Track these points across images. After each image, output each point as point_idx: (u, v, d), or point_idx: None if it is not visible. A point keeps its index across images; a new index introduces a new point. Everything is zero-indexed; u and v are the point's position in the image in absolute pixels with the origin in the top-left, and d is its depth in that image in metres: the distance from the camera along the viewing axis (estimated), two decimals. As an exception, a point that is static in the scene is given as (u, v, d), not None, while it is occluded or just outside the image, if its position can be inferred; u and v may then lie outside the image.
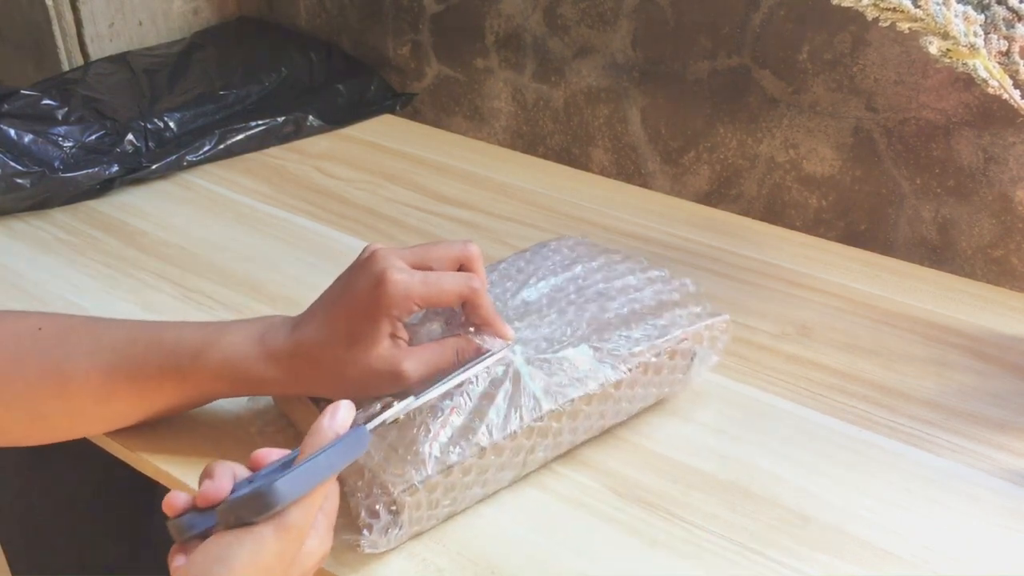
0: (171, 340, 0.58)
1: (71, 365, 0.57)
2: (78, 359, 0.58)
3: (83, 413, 0.59)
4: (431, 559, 0.53)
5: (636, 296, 0.63)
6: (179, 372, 0.57)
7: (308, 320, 0.56)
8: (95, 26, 1.14)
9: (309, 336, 0.55)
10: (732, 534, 0.55)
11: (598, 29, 0.98)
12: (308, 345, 0.55)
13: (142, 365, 0.57)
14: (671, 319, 0.62)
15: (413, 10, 1.13)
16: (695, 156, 0.96)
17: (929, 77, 0.80)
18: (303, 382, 0.56)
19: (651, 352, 0.60)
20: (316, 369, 0.55)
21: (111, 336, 0.59)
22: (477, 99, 1.12)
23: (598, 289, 0.64)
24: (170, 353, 0.57)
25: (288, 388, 0.57)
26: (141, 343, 0.58)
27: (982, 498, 0.58)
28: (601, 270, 0.67)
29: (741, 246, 0.87)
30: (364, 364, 0.54)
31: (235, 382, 0.57)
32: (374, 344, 0.54)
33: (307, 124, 1.08)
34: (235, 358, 0.56)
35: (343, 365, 0.54)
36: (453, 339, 0.56)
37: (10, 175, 0.89)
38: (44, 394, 0.57)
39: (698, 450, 0.61)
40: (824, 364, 0.70)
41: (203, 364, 0.57)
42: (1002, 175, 0.80)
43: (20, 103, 0.96)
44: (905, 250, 0.87)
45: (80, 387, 0.57)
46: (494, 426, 0.54)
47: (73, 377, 0.57)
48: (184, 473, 0.59)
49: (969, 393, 0.67)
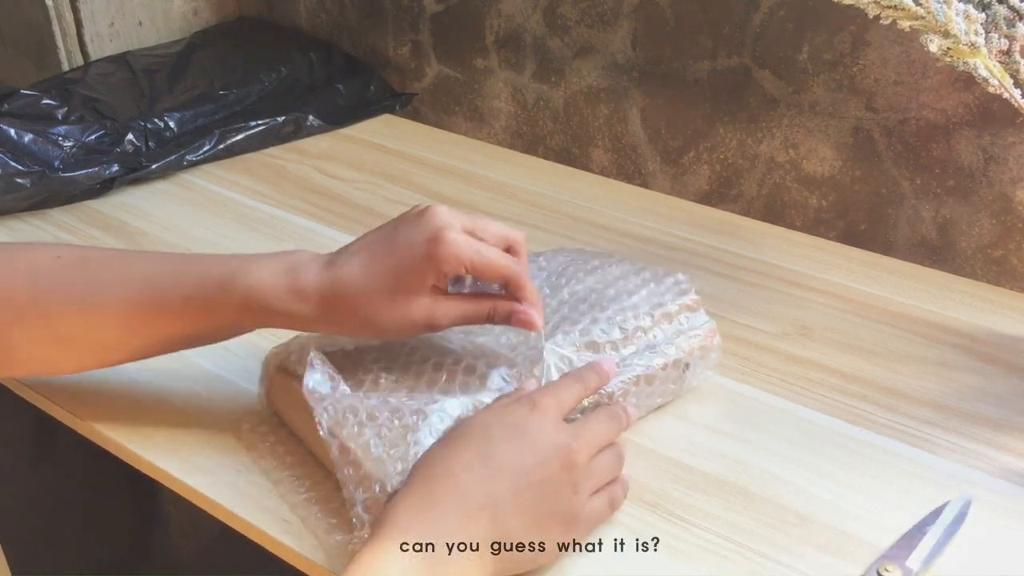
0: (197, 271, 0.58)
1: (96, 295, 0.58)
2: (103, 289, 0.58)
3: (108, 342, 0.60)
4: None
5: (629, 304, 0.63)
6: (206, 302, 0.57)
7: (347, 260, 0.56)
8: (95, 26, 1.14)
9: (348, 276, 0.55)
10: (732, 534, 0.55)
11: (598, 29, 0.98)
12: (345, 285, 0.55)
13: (168, 295, 0.58)
14: (662, 335, 0.63)
15: (413, 10, 1.13)
16: (695, 156, 0.96)
17: (929, 77, 0.80)
18: (331, 321, 0.56)
19: (633, 382, 0.61)
20: (349, 310, 0.55)
21: (135, 267, 0.60)
22: (477, 99, 1.12)
23: (590, 301, 0.64)
24: (197, 283, 0.58)
25: (313, 325, 0.57)
26: (167, 274, 0.59)
27: (982, 498, 0.58)
28: (592, 273, 0.67)
29: (741, 246, 0.87)
30: (403, 312, 0.55)
31: (260, 314, 0.57)
32: (417, 295, 0.55)
33: (307, 124, 1.08)
34: (263, 290, 0.56)
35: (380, 310, 0.55)
36: (490, 298, 0.57)
37: (10, 175, 0.89)
38: (68, 321, 0.58)
39: (698, 450, 0.61)
40: (824, 364, 0.70)
41: (230, 295, 0.57)
42: (1002, 175, 0.80)
43: (20, 103, 0.96)
44: (905, 250, 0.87)
45: (105, 317, 0.58)
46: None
47: (98, 306, 0.58)
48: (183, 471, 0.60)
49: (969, 393, 0.67)
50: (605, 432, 0.55)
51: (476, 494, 0.48)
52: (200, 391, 0.67)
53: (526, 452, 0.50)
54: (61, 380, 0.67)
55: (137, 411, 0.65)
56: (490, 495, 0.48)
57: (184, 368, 0.69)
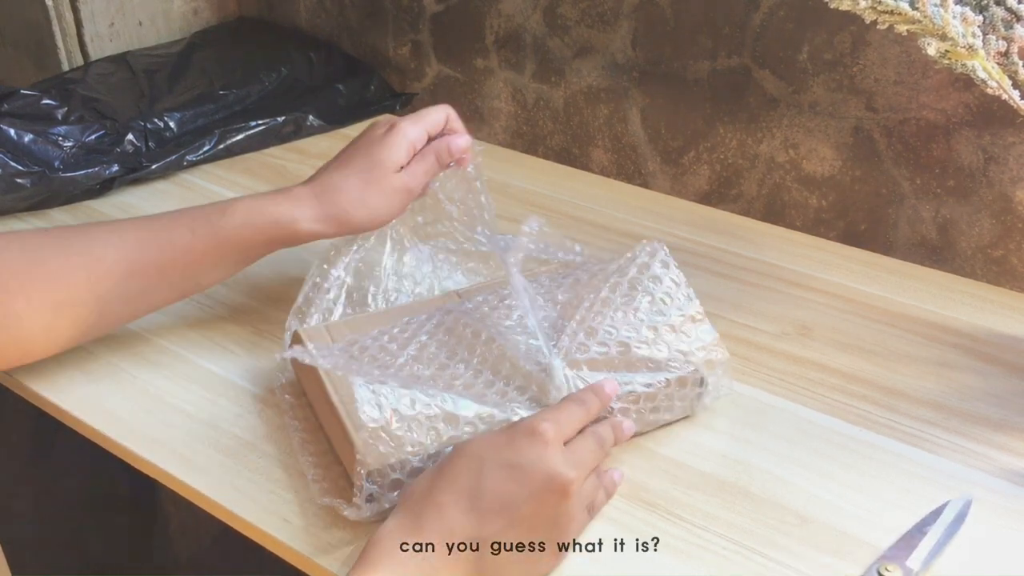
0: (194, 209, 0.66)
1: (95, 250, 0.62)
2: (104, 241, 0.63)
3: (113, 295, 0.63)
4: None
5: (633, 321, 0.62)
6: (210, 227, 0.64)
7: (324, 170, 0.69)
8: (95, 26, 1.14)
9: (330, 177, 0.67)
10: (732, 534, 0.55)
11: (598, 29, 0.98)
12: (330, 181, 0.67)
13: (169, 232, 0.63)
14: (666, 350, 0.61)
15: (413, 10, 1.13)
16: (695, 156, 0.96)
17: (929, 77, 0.80)
18: (327, 214, 0.66)
19: (633, 399, 0.60)
20: (340, 201, 0.66)
21: (132, 221, 0.65)
22: (477, 99, 1.12)
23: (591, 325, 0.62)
24: (197, 215, 0.65)
25: (315, 224, 0.66)
26: (165, 217, 0.65)
27: (982, 498, 0.58)
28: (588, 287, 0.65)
29: (741, 246, 0.87)
30: (381, 192, 0.67)
31: (264, 229, 0.65)
32: (387, 177, 0.67)
33: (307, 124, 1.08)
34: (264, 203, 0.65)
35: (364, 196, 0.67)
36: (429, 147, 0.70)
37: (10, 175, 0.89)
38: (69, 282, 0.61)
39: (698, 450, 0.61)
40: (824, 364, 0.70)
41: (233, 215, 0.64)
42: (1002, 175, 0.80)
43: (20, 103, 0.96)
44: (905, 250, 0.87)
45: (108, 268, 0.62)
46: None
47: (100, 259, 0.62)
48: (183, 471, 0.60)
49: (969, 393, 0.67)
50: (595, 455, 0.54)
51: (461, 532, 0.49)
52: (201, 391, 0.67)
53: (520, 488, 0.50)
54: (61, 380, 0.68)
55: (137, 411, 0.65)
56: (475, 536, 0.49)
57: (185, 368, 0.69)
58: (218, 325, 0.74)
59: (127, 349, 0.71)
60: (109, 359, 0.70)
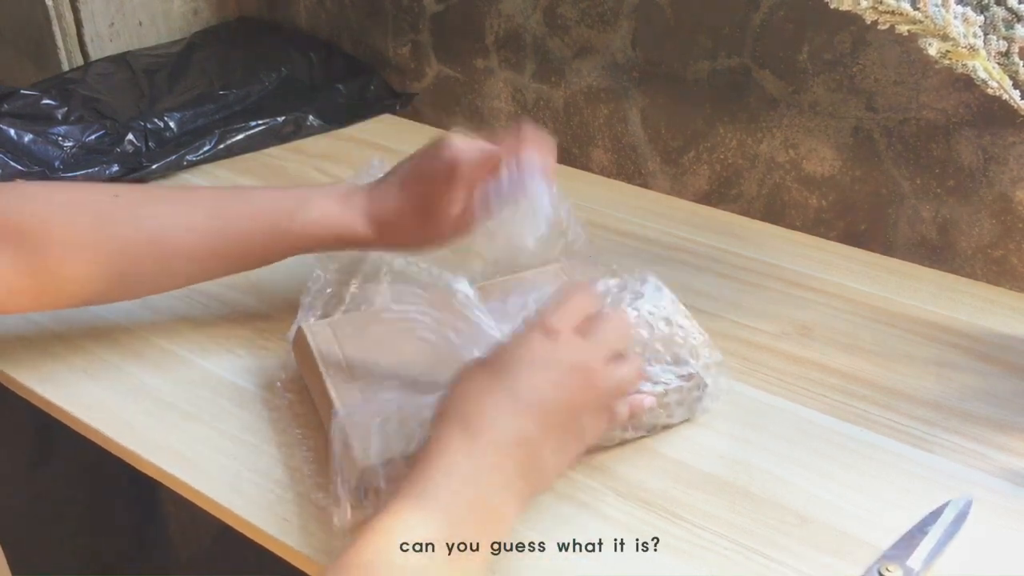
0: (263, 201, 0.66)
1: (164, 229, 0.64)
2: (170, 222, 0.64)
3: (174, 271, 0.66)
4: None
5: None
6: (274, 230, 0.65)
7: (386, 190, 0.68)
8: (95, 26, 1.14)
9: (390, 203, 0.67)
10: (732, 534, 0.55)
11: (598, 29, 0.98)
12: (390, 211, 0.66)
13: (236, 224, 0.65)
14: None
15: (413, 10, 1.13)
16: (695, 156, 0.96)
17: (929, 77, 0.80)
18: (386, 238, 0.67)
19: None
20: (397, 228, 0.67)
21: (200, 200, 0.66)
22: (477, 99, 1.12)
23: None
24: (264, 212, 0.66)
25: (373, 244, 0.67)
26: (233, 205, 0.66)
27: (982, 498, 0.58)
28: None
29: (741, 246, 0.87)
30: (439, 230, 0.67)
31: (326, 238, 0.66)
32: (444, 213, 0.66)
33: (307, 124, 1.08)
34: (330, 215, 0.66)
35: (421, 229, 0.67)
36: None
37: (10, 175, 0.89)
38: (137, 256, 0.64)
39: (698, 450, 0.61)
40: (824, 364, 0.70)
41: (299, 221, 0.65)
42: (1002, 175, 0.80)
43: (20, 103, 0.96)
44: (905, 250, 0.87)
45: (175, 249, 0.64)
46: None
47: (167, 240, 0.64)
48: (185, 472, 0.60)
49: (969, 393, 0.67)
50: (616, 336, 0.56)
51: (509, 431, 0.50)
52: (201, 391, 0.67)
53: (548, 383, 0.52)
54: (61, 380, 0.68)
55: (137, 411, 0.65)
56: (520, 430, 0.50)
57: (185, 368, 0.69)
58: (218, 325, 0.74)
59: (127, 349, 0.71)
60: (109, 359, 0.70)
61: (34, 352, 0.71)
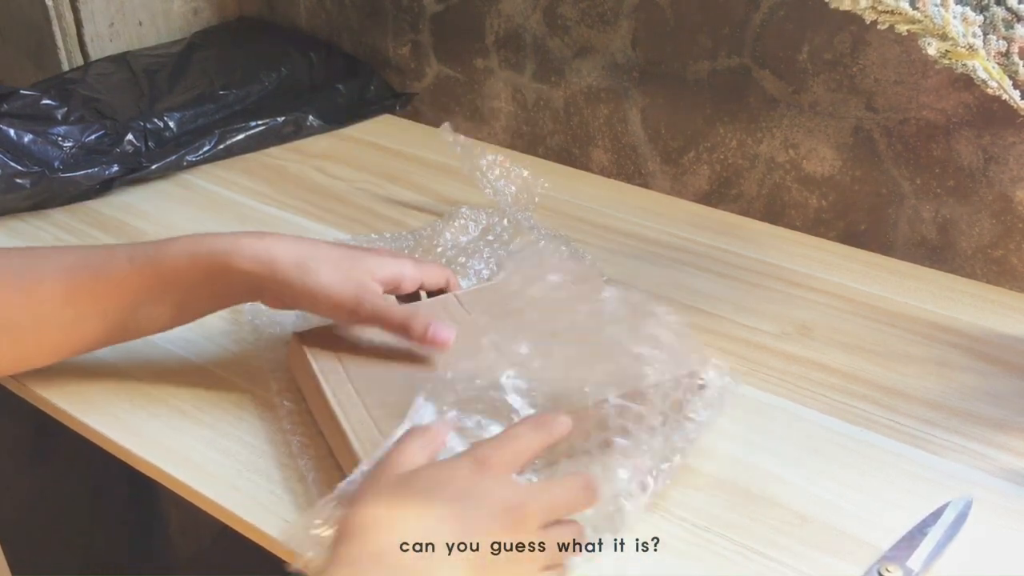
0: (135, 244, 0.62)
1: (36, 270, 0.60)
2: (43, 264, 0.61)
3: (50, 321, 0.60)
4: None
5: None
6: (147, 256, 0.60)
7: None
8: (95, 26, 1.14)
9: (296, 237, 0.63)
10: (732, 534, 0.55)
11: (598, 29, 0.98)
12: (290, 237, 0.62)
13: (107, 260, 0.61)
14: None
15: (413, 10, 1.13)
16: (695, 156, 0.96)
17: (929, 77, 0.80)
18: (262, 258, 0.60)
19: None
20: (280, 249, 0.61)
21: (74, 247, 0.65)
22: (477, 99, 1.12)
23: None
24: (137, 246, 0.61)
25: (247, 263, 0.60)
26: (105, 247, 0.63)
27: (982, 498, 0.58)
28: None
29: (741, 246, 0.87)
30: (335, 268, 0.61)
31: (202, 258, 0.60)
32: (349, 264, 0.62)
33: (307, 124, 1.08)
34: (206, 236, 0.61)
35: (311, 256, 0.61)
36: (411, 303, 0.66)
37: (10, 175, 0.89)
38: (9, 303, 0.59)
39: (698, 450, 0.61)
40: (824, 364, 0.70)
41: (172, 245, 0.60)
42: (1002, 175, 0.80)
43: (20, 103, 0.96)
44: (905, 250, 0.87)
45: (46, 291, 0.60)
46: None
47: (39, 281, 0.60)
48: (184, 472, 0.59)
49: (969, 393, 0.67)
50: (567, 500, 0.50)
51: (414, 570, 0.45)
52: (201, 391, 0.67)
53: (468, 523, 0.46)
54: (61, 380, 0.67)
55: (137, 411, 0.65)
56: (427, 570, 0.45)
57: (185, 368, 0.69)
58: (218, 325, 0.74)
59: (127, 350, 0.71)
60: (109, 360, 0.70)
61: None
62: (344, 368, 0.62)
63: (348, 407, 0.58)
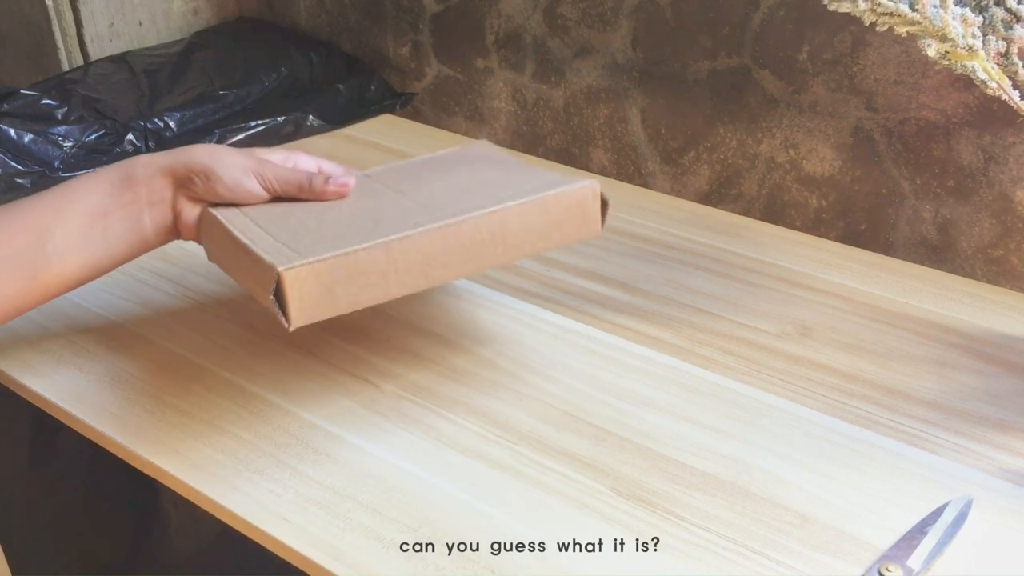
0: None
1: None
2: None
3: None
4: (430, 559, 0.53)
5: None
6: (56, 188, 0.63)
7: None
8: (95, 26, 1.14)
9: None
10: (732, 534, 0.55)
11: (598, 29, 0.98)
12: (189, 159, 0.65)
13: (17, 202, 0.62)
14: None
15: (413, 10, 1.13)
16: (695, 156, 0.96)
17: (929, 77, 0.80)
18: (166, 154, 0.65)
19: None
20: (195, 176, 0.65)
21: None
22: (477, 99, 1.12)
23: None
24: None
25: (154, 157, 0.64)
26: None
27: (982, 498, 0.58)
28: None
29: (741, 246, 0.87)
30: (231, 152, 0.67)
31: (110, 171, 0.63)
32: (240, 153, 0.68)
33: (307, 124, 1.08)
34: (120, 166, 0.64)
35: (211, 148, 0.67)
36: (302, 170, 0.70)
37: (10, 175, 0.89)
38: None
39: (698, 450, 0.61)
40: (824, 364, 0.70)
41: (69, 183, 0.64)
42: (1002, 175, 0.80)
43: (20, 103, 0.96)
44: (905, 250, 0.87)
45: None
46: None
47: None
48: (183, 471, 0.60)
49: (969, 393, 0.67)
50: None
51: None
52: (200, 390, 0.67)
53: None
54: (61, 380, 0.68)
55: (137, 411, 0.65)
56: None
57: (184, 368, 0.69)
58: (217, 324, 0.74)
59: (127, 349, 0.71)
60: (109, 359, 0.70)
61: (31, 351, 0.71)
62: (246, 214, 0.64)
63: (256, 239, 0.60)
